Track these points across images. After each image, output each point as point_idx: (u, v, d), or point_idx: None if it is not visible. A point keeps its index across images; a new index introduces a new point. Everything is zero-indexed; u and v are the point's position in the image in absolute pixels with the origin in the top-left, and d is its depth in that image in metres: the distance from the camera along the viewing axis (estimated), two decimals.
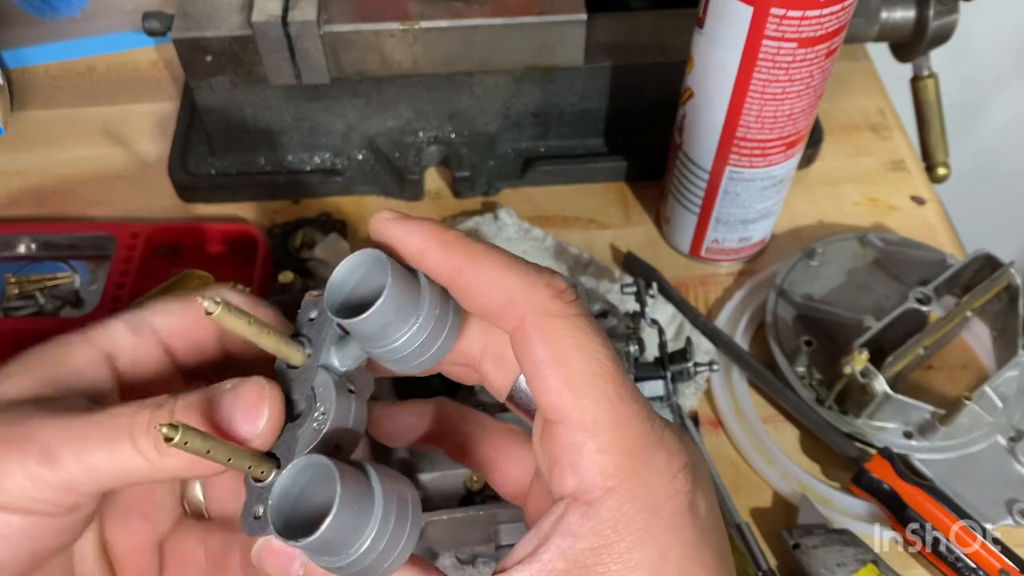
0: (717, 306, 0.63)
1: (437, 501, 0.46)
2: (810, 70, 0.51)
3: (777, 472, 0.55)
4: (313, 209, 0.67)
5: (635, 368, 0.50)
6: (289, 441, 0.28)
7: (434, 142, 0.68)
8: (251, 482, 0.28)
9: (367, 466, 0.27)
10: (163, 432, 0.24)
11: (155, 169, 0.70)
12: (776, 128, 0.54)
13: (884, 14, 0.66)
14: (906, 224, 0.67)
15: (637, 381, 0.50)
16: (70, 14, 0.76)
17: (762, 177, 0.58)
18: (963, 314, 0.57)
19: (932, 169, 0.73)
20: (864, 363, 0.52)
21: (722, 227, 0.62)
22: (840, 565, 0.48)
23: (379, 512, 0.26)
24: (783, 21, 0.48)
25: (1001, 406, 0.54)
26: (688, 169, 0.59)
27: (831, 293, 0.60)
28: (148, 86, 0.76)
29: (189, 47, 0.60)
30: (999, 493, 0.52)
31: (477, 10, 0.60)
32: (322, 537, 0.24)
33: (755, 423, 0.56)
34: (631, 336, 0.50)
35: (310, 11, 0.58)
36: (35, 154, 0.72)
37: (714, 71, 0.52)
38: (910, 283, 0.59)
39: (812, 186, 0.70)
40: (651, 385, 0.51)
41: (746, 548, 0.50)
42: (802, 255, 0.62)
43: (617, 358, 0.27)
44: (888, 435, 0.54)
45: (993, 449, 0.53)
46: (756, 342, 0.61)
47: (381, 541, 0.26)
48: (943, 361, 0.60)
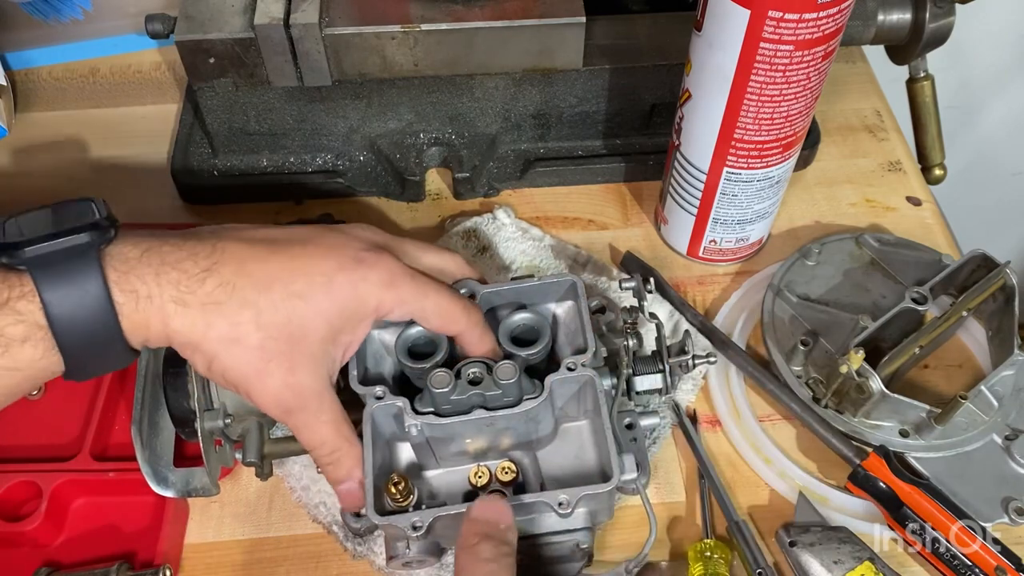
0: (715, 306, 0.63)
1: (443, 497, 0.47)
2: (807, 72, 0.51)
3: (774, 470, 0.55)
4: (315, 210, 0.68)
5: (633, 362, 0.50)
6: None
7: (435, 143, 0.68)
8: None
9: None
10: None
11: (158, 171, 0.70)
12: (773, 130, 0.55)
13: (880, 17, 0.66)
14: (902, 225, 0.68)
15: (635, 375, 0.51)
16: (73, 16, 0.76)
17: (759, 178, 0.58)
18: (959, 314, 0.58)
19: (928, 170, 0.74)
20: (860, 362, 0.52)
21: (720, 228, 0.62)
22: (837, 563, 0.49)
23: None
24: (780, 24, 0.48)
25: (997, 405, 0.55)
26: (686, 170, 0.60)
27: (828, 293, 0.61)
28: (151, 88, 0.77)
29: (192, 49, 0.60)
30: (995, 491, 0.52)
31: (477, 13, 0.60)
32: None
33: (752, 422, 0.57)
34: (629, 330, 0.50)
35: (312, 14, 0.59)
36: (39, 155, 0.72)
37: (712, 73, 0.53)
38: (906, 283, 0.59)
39: (809, 187, 0.71)
40: (650, 379, 0.51)
41: (744, 546, 0.51)
42: (799, 255, 0.62)
43: None
44: (884, 434, 0.54)
45: (989, 448, 0.54)
46: (753, 342, 0.61)
47: None
48: (939, 360, 0.60)
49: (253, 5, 0.59)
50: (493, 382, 0.44)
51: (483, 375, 0.44)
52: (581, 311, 0.48)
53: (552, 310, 0.51)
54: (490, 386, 0.44)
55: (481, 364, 0.45)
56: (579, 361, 0.45)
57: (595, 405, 0.46)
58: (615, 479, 0.43)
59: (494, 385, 0.44)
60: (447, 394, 0.43)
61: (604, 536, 0.53)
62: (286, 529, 0.53)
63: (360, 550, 0.52)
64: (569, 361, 0.45)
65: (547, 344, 0.47)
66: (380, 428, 0.45)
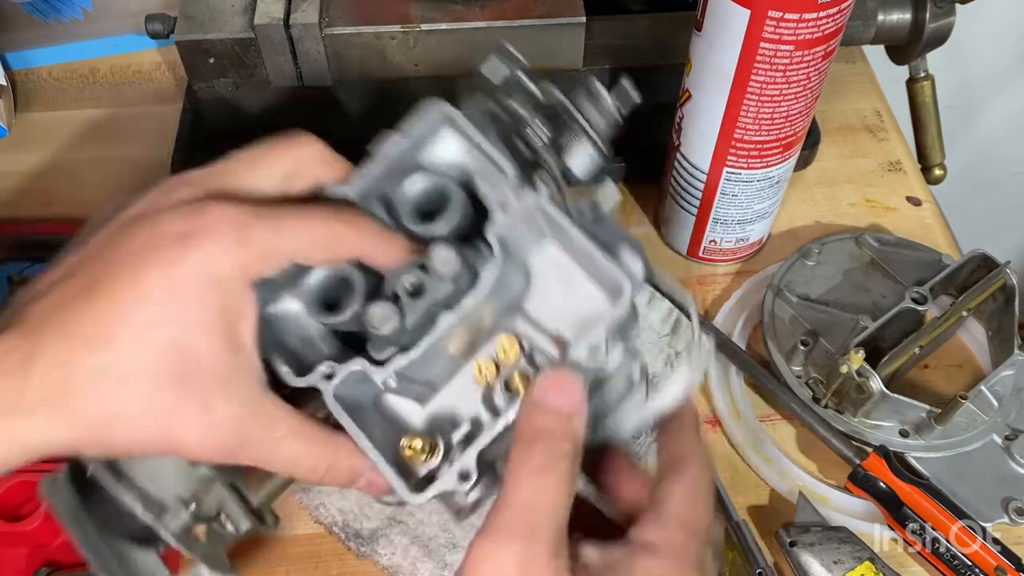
0: (715, 306, 0.63)
1: (463, 420, 0.39)
2: (807, 72, 0.51)
3: (774, 470, 0.55)
4: None
5: (554, 145, 0.39)
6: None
7: None
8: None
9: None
10: None
11: (158, 171, 0.70)
12: (773, 130, 0.55)
13: (881, 16, 0.66)
14: (902, 225, 0.68)
15: (565, 156, 0.39)
16: (73, 16, 0.76)
17: (759, 178, 0.58)
18: (959, 314, 0.58)
19: (928, 170, 0.74)
20: (860, 362, 0.52)
21: (720, 228, 0.62)
22: (837, 563, 0.49)
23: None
24: (780, 24, 0.48)
25: (997, 405, 0.55)
26: (686, 170, 0.60)
27: (828, 293, 0.61)
28: (151, 88, 0.77)
29: (192, 49, 0.60)
30: (995, 491, 0.52)
31: (477, 13, 0.60)
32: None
33: (752, 422, 0.57)
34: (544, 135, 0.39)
35: (312, 14, 0.59)
36: (39, 155, 0.72)
37: (712, 73, 0.53)
38: (906, 283, 0.59)
39: (809, 187, 0.71)
40: (581, 153, 0.39)
41: (744, 546, 0.51)
42: (799, 255, 0.62)
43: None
44: (884, 434, 0.54)
45: (989, 448, 0.54)
46: (753, 341, 0.61)
47: None
48: (939, 360, 0.60)
49: (253, 5, 0.59)
50: (437, 279, 0.35)
51: (420, 279, 0.35)
52: (474, 139, 0.37)
53: (444, 157, 0.39)
54: (436, 285, 0.35)
55: (410, 269, 0.35)
56: (507, 193, 0.36)
57: (550, 222, 0.37)
58: (630, 277, 0.35)
59: (439, 282, 0.35)
60: (396, 327, 0.34)
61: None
62: (286, 529, 0.53)
63: (364, 550, 0.52)
64: (494, 198, 0.36)
65: (461, 200, 0.37)
66: (354, 402, 0.36)
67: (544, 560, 0.30)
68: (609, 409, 0.37)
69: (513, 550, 0.30)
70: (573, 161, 0.39)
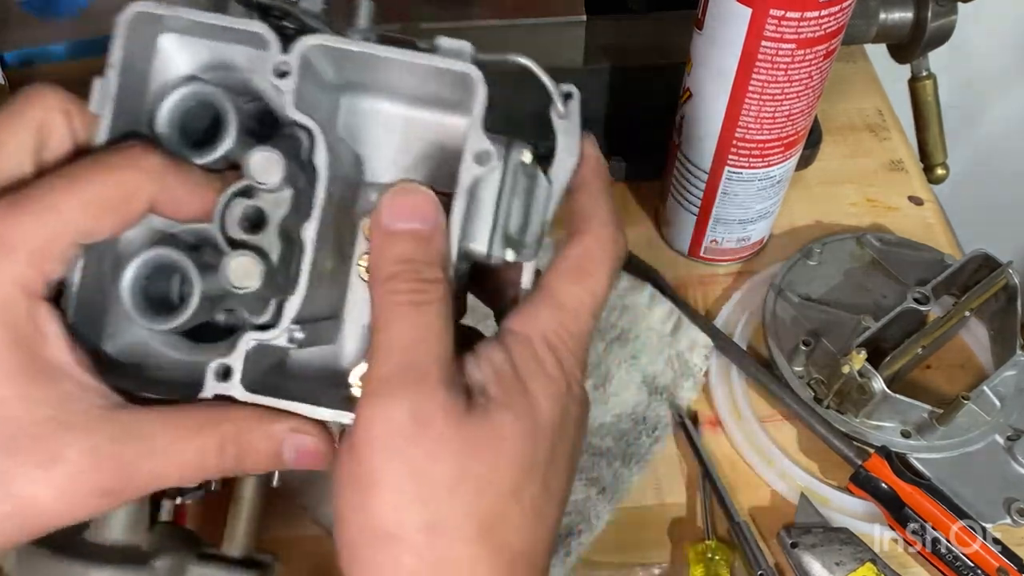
0: (716, 306, 0.63)
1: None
2: (809, 71, 0.51)
3: (776, 471, 0.55)
4: None
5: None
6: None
7: None
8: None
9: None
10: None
11: None
12: (775, 129, 0.54)
13: (882, 15, 0.66)
14: (904, 224, 0.68)
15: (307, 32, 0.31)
16: (71, 15, 0.76)
17: (761, 178, 0.58)
18: (961, 314, 0.57)
19: (930, 170, 0.74)
20: (862, 362, 0.52)
21: (721, 227, 0.62)
22: (838, 564, 0.49)
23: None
24: (782, 22, 0.48)
25: (999, 405, 0.55)
26: (687, 170, 0.60)
27: (829, 293, 0.60)
28: None
29: None
30: (997, 492, 0.52)
31: (477, 12, 0.60)
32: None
33: (754, 423, 0.57)
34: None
35: None
36: None
37: (713, 72, 0.53)
38: (908, 283, 0.59)
39: (810, 186, 0.70)
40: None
41: (745, 547, 0.51)
42: (800, 255, 0.62)
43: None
44: (886, 434, 0.54)
45: (991, 448, 0.54)
46: (755, 342, 0.61)
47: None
48: (941, 361, 0.60)
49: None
50: (269, 195, 0.29)
51: (250, 205, 0.29)
52: (201, 20, 0.30)
53: (181, 65, 0.32)
54: (272, 201, 0.29)
55: (231, 203, 0.29)
56: (279, 57, 0.30)
57: (344, 55, 0.31)
58: (461, 56, 0.33)
59: (274, 196, 0.29)
60: (263, 270, 0.28)
61: (605, 535, 0.52)
62: (286, 530, 0.53)
63: None
64: (269, 68, 0.30)
65: (228, 99, 0.30)
66: (272, 384, 0.31)
67: (440, 399, 0.27)
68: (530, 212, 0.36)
69: (402, 402, 0.27)
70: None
